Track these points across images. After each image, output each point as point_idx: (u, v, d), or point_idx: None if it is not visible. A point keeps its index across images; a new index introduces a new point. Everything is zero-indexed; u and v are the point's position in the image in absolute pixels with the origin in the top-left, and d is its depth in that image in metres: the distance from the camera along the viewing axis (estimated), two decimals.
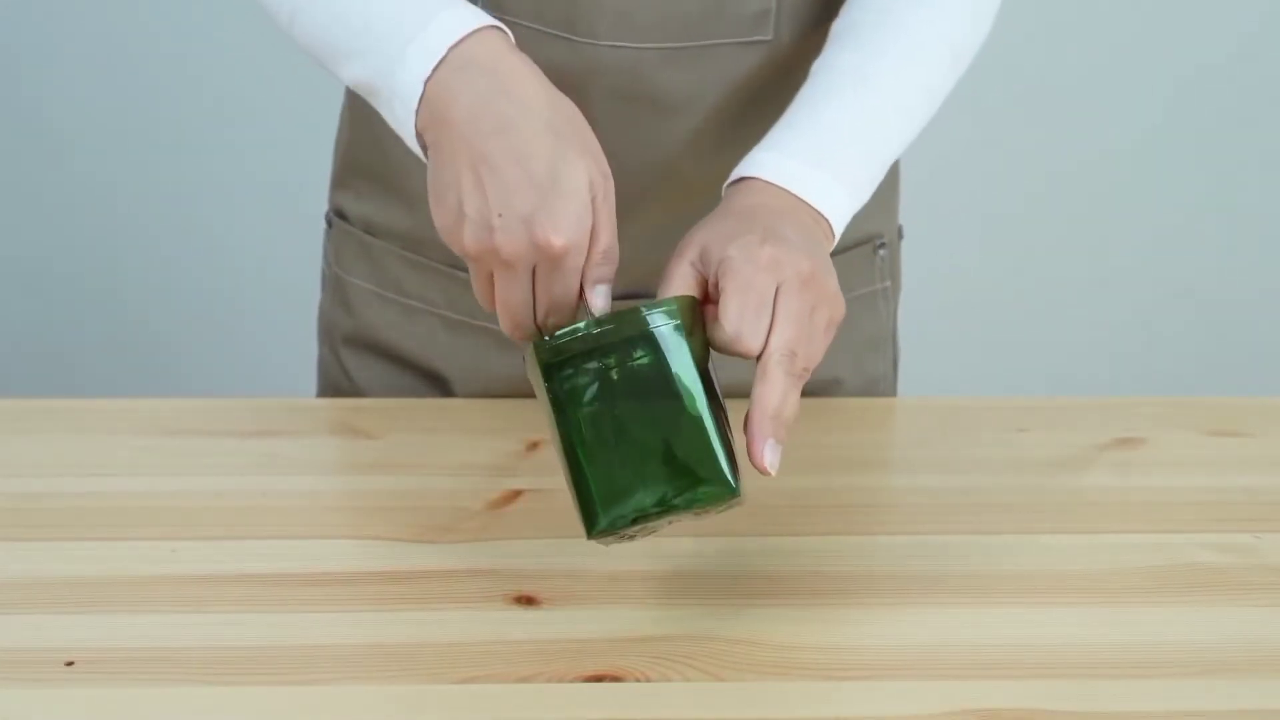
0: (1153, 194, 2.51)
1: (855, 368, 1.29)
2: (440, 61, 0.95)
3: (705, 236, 0.95)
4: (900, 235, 1.32)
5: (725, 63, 1.14)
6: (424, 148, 0.97)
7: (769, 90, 1.16)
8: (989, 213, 2.48)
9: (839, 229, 1.03)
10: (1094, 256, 2.54)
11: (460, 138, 0.94)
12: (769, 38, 1.14)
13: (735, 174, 1.03)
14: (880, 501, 1.12)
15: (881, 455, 1.20)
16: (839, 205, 1.02)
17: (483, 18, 0.97)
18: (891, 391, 1.34)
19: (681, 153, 1.16)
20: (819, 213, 1.01)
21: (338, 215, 1.29)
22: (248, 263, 2.47)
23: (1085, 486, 1.12)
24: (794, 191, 1.01)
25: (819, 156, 1.02)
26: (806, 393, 1.21)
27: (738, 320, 0.91)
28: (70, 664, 0.90)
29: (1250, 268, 2.55)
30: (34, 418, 1.20)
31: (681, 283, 0.94)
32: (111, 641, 0.93)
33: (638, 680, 0.90)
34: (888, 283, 1.30)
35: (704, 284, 0.94)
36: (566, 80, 1.12)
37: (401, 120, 0.97)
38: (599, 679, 0.90)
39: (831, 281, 0.96)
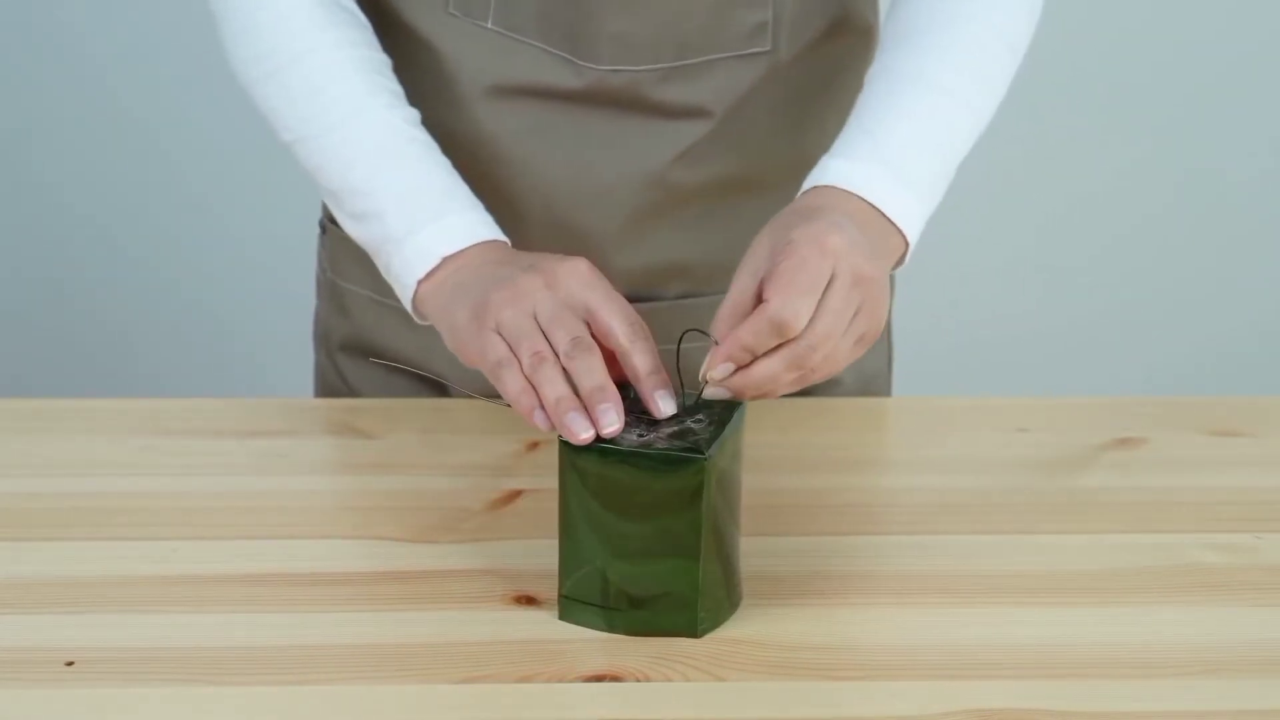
0: (1152, 192, 2.51)
1: (853, 365, 1.28)
2: (434, 269, 1.04)
3: (771, 238, 0.96)
4: None
5: (724, 76, 1.14)
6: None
7: (770, 100, 1.16)
8: (988, 212, 2.48)
9: (912, 233, 1.04)
10: (1094, 256, 2.54)
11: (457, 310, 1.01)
12: (767, 49, 1.14)
13: (808, 183, 1.04)
14: (880, 501, 1.11)
15: (881, 455, 1.20)
16: (909, 210, 1.03)
17: (475, 233, 1.05)
18: (887, 387, 1.34)
19: (677, 162, 1.16)
20: (890, 220, 1.02)
21: (332, 221, 1.29)
22: (245, 268, 2.47)
23: (1085, 486, 1.12)
24: (865, 197, 1.02)
25: (887, 161, 1.03)
26: (805, 390, 1.21)
27: (783, 298, 0.92)
28: (70, 664, 0.90)
29: (1251, 268, 2.55)
30: (34, 418, 1.20)
31: (741, 297, 0.94)
32: (111, 641, 0.93)
33: (638, 680, 0.89)
34: None
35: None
36: (569, 97, 1.13)
37: (401, 290, 1.07)
38: (599, 679, 0.90)
39: (883, 295, 0.97)
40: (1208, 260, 2.54)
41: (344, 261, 1.27)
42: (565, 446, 0.92)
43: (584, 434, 0.91)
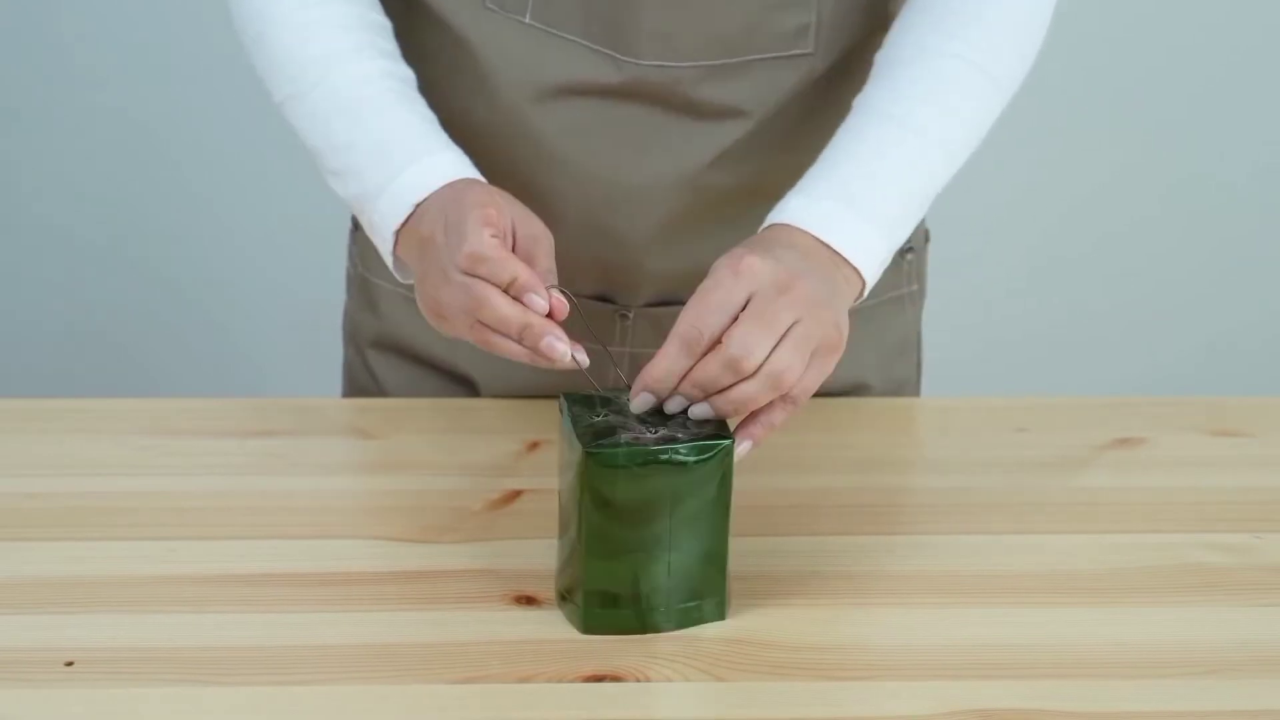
0: (1152, 192, 2.51)
1: (882, 372, 1.28)
2: (408, 217, 1.04)
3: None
4: (927, 239, 1.32)
5: (765, 77, 1.13)
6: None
7: (808, 103, 1.15)
8: (987, 212, 2.48)
9: (868, 269, 1.02)
10: (1093, 256, 2.54)
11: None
12: (809, 51, 1.13)
13: (767, 220, 1.03)
14: (880, 502, 1.11)
15: (881, 456, 1.20)
16: (867, 245, 1.02)
17: (446, 172, 1.04)
18: (915, 395, 1.34)
19: (713, 165, 1.15)
20: (840, 255, 1.01)
21: None
22: (246, 268, 2.47)
23: (1085, 486, 1.12)
24: (817, 234, 1.01)
25: (844, 197, 1.02)
26: (833, 394, 1.21)
27: (689, 315, 0.93)
28: (70, 664, 0.90)
29: (1250, 268, 2.55)
30: (34, 418, 1.20)
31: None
32: (111, 641, 0.93)
33: (638, 680, 0.90)
34: (914, 286, 1.29)
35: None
36: (607, 93, 1.12)
37: (381, 245, 1.07)
38: (599, 679, 0.90)
39: (829, 311, 0.96)
40: (1208, 260, 2.54)
41: (375, 257, 1.25)
42: (588, 465, 0.91)
43: (562, 349, 0.95)
